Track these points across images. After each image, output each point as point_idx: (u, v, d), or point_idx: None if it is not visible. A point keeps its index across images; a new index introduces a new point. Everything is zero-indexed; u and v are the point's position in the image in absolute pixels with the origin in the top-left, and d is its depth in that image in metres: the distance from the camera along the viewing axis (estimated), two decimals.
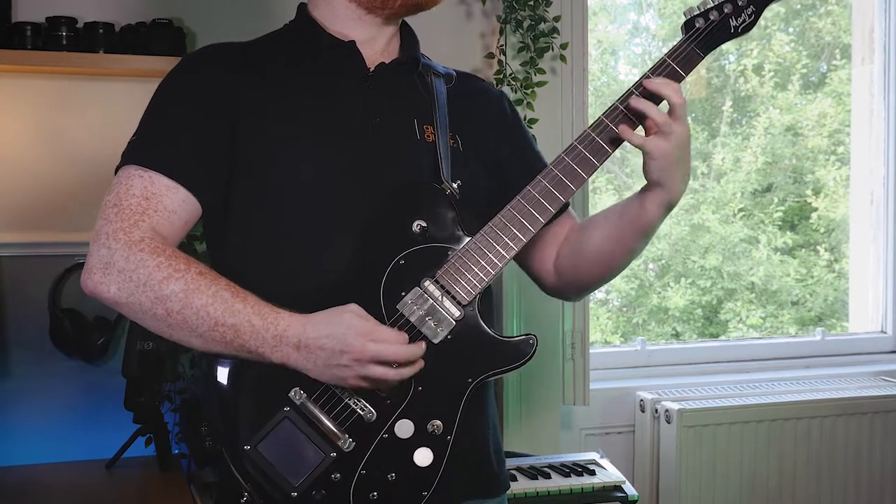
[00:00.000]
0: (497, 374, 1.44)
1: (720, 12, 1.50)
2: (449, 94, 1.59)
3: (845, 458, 3.11)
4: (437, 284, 1.42)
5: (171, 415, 2.39)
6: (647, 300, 4.01)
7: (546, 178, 1.46)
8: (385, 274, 1.42)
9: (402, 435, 1.39)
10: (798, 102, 4.12)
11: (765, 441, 3.02)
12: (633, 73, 3.99)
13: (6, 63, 2.29)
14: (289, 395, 1.38)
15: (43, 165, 2.43)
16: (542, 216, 1.46)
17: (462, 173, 1.51)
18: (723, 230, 4.02)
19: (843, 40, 3.93)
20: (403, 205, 1.46)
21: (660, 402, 3.02)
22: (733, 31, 1.51)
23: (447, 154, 1.51)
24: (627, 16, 4.05)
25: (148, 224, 1.39)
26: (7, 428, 2.40)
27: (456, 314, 1.41)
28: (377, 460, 1.39)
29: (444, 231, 1.44)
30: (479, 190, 1.55)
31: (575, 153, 1.47)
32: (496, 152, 1.62)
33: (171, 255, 1.38)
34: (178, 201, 1.43)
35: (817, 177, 4.07)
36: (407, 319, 1.40)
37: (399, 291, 1.41)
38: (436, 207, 1.45)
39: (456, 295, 1.41)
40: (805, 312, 4.04)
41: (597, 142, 1.47)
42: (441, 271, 1.42)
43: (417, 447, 1.39)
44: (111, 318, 2.42)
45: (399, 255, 1.42)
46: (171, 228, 1.43)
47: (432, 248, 1.43)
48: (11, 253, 2.41)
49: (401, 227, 1.44)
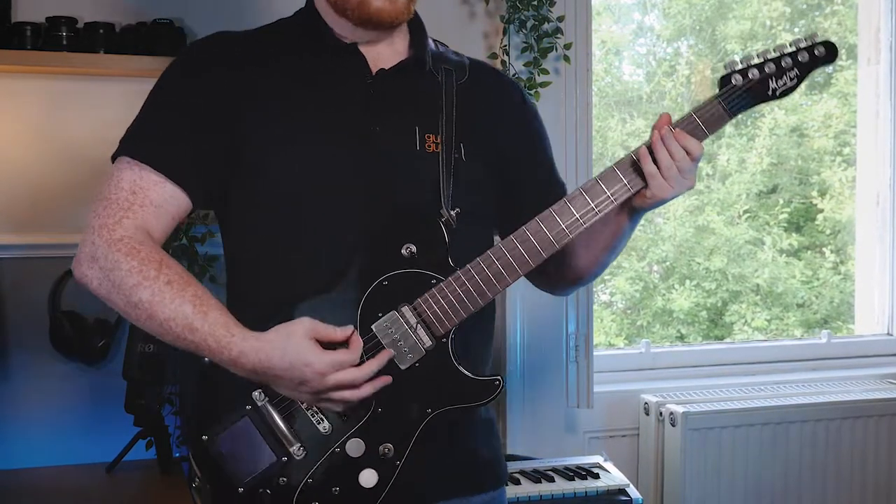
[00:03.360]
0: (458, 408, 1.44)
1: (761, 72, 1.44)
2: (459, 90, 1.55)
3: (851, 461, 3.09)
4: (415, 311, 1.41)
5: (172, 418, 2.38)
6: (651, 302, 4.00)
7: (544, 223, 1.44)
8: (367, 292, 1.42)
9: (352, 453, 1.41)
10: (803, 103, 4.10)
11: (770, 444, 3.00)
12: (636, 74, 3.97)
13: (6, 63, 2.29)
14: (252, 395, 1.41)
15: (43, 166, 2.42)
16: (534, 261, 1.44)
17: (462, 193, 1.48)
18: (728, 232, 4.01)
19: (849, 40, 3.91)
20: (398, 227, 1.45)
21: (664, 404, 3.00)
22: (771, 93, 1.45)
23: (450, 174, 1.49)
24: (631, 16, 4.04)
25: (132, 221, 1.41)
26: (7, 431, 2.39)
27: (427, 344, 1.42)
28: (324, 472, 1.41)
29: (433, 259, 1.43)
30: (479, 212, 1.53)
31: (586, 207, 1.45)
32: (503, 151, 1.59)
33: (144, 258, 1.39)
34: (165, 196, 1.44)
35: (823, 178, 4.05)
36: (379, 341, 1.41)
37: (377, 311, 1.41)
38: (429, 235, 1.44)
39: (431, 325, 1.41)
40: (811, 315, 4.03)
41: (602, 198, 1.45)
42: (421, 299, 1.42)
43: (364, 467, 1.41)
44: (111, 320, 2.41)
45: (383, 276, 1.42)
46: (157, 223, 1.44)
47: (417, 275, 1.43)
48: (10, 255, 2.40)
49: (391, 248, 1.43)
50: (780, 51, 1.46)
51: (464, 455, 1.53)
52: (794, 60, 1.45)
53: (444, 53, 1.60)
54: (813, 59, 1.45)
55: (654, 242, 4.06)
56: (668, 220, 4.07)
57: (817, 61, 1.46)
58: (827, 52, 1.46)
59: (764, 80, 1.44)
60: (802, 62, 1.45)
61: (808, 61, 1.45)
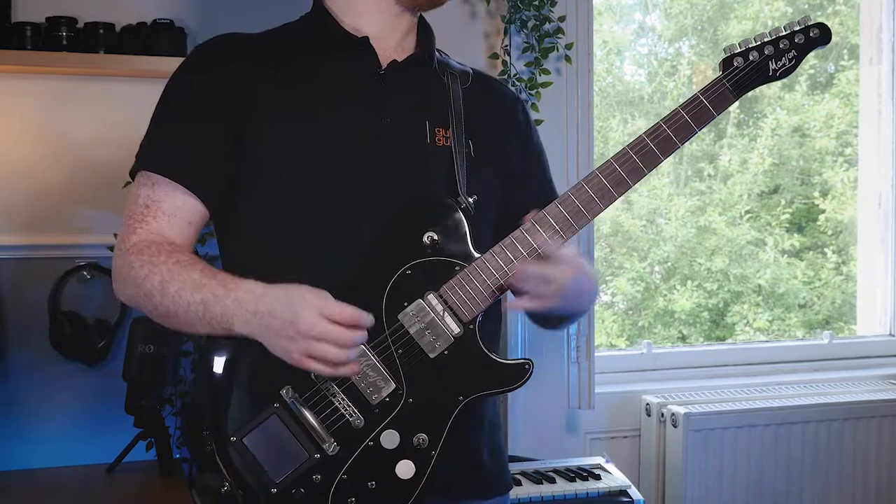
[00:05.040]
0: (489, 394, 1.44)
1: (760, 53, 1.48)
2: (464, 96, 1.56)
3: (853, 462, 3.08)
4: (441, 299, 1.41)
5: (173, 419, 2.37)
6: (653, 303, 3.99)
7: (562, 204, 1.44)
8: (390, 282, 1.41)
9: (387, 445, 1.40)
10: (805, 103, 4.10)
11: (772, 445, 3.00)
12: (638, 74, 3.97)
13: (6, 63, 2.29)
14: (280, 393, 1.39)
15: (43, 166, 2.41)
16: (555, 242, 1.43)
17: (475, 183, 1.49)
18: (729, 232, 4.01)
19: (851, 41, 3.91)
20: (417, 215, 1.44)
21: (666, 405, 3.00)
22: (772, 74, 1.49)
23: (463, 163, 1.49)
24: (633, 16, 4.04)
25: (144, 230, 1.44)
26: (7, 432, 2.38)
27: (455, 331, 1.41)
28: (360, 467, 1.39)
29: (455, 246, 1.43)
30: (492, 202, 1.53)
31: (599, 178, 1.46)
32: (508, 164, 1.59)
33: (154, 251, 1.41)
34: (177, 204, 1.46)
35: (825, 178, 4.05)
36: (406, 330, 1.40)
37: (402, 301, 1.41)
38: (449, 221, 1.44)
39: (458, 312, 1.41)
40: (812, 315, 4.02)
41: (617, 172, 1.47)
42: (446, 286, 1.41)
43: (401, 459, 1.40)
44: (111, 320, 2.40)
45: (406, 265, 1.42)
46: (172, 231, 1.46)
47: (441, 262, 1.42)
48: (10, 255, 2.40)
49: (412, 236, 1.43)
50: (776, 34, 1.50)
51: (479, 458, 1.53)
52: (791, 42, 1.49)
53: (447, 61, 1.61)
54: (809, 40, 1.50)
55: (655, 243, 4.05)
56: (669, 220, 4.06)
57: (813, 42, 1.50)
58: (821, 33, 1.50)
59: (764, 61, 1.48)
60: (799, 44, 1.50)
61: (804, 42, 1.50)
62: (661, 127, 1.47)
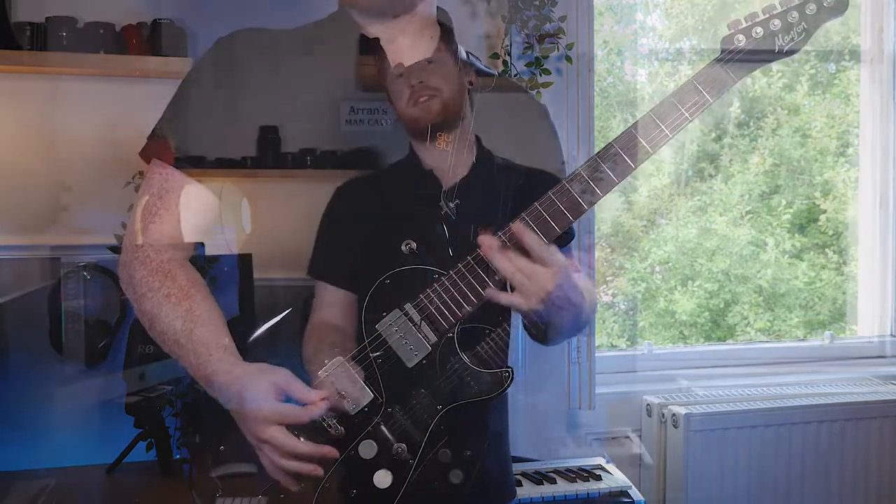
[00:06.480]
0: (468, 403, 1.43)
1: (765, 28, 1.35)
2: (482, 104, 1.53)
3: (854, 462, 3.08)
4: (418, 308, 1.40)
5: (173, 419, 2.37)
6: (653, 303, 3.98)
7: (544, 206, 1.37)
8: (369, 292, 1.41)
9: (364, 455, 1.41)
10: (806, 103, 4.09)
11: (772, 445, 2.99)
12: (638, 74, 3.96)
13: (6, 63, 2.29)
14: None
15: (43, 166, 2.41)
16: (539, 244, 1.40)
17: (459, 186, 1.46)
18: (730, 233, 4.00)
19: (853, 40, 3.90)
20: (397, 223, 1.44)
21: (666, 406, 3.00)
22: (778, 50, 1.35)
23: (453, 166, 1.48)
24: (634, 16, 4.03)
25: (156, 226, 1.44)
26: (6, 432, 2.38)
27: (433, 340, 1.40)
28: (340, 476, 1.40)
29: (434, 254, 1.42)
30: (476, 205, 1.49)
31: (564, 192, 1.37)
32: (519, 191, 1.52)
33: (154, 268, 1.43)
34: (191, 194, 1.47)
35: (826, 179, 4.04)
36: (384, 340, 1.40)
37: (381, 311, 1.40)
38: (429, 229, 1.43)
39: (435, 321, 1.40)
40: (813, 316, 4.02)
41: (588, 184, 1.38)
42: (423, 296, 1.40)
43: (378, 468, 1.40)
44: (111, 320, 2.40)
45: (385, 275, 1.41)
46: (185, 223, 1.47)
47: (419, 271, 1.41)
48: (10, 255, 2.40)
49: (392, 245, 1.42)
50: (785, 5, 1.37)
51: (482, 466, 1.50)
52: (801, 14, 1.36)
53: (474, 63, 1.59)
54: (821, 10, 1.36)
55: (656, 243, 4.04)
56: (670, 220, 4.06)
57: (826, 13, 1.37)
58: (836, 2, 1.37)
59: (769, 37, 1.36)
60: (810, 15, 1.36)
61: (816, 13, 1.36)
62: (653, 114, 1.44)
